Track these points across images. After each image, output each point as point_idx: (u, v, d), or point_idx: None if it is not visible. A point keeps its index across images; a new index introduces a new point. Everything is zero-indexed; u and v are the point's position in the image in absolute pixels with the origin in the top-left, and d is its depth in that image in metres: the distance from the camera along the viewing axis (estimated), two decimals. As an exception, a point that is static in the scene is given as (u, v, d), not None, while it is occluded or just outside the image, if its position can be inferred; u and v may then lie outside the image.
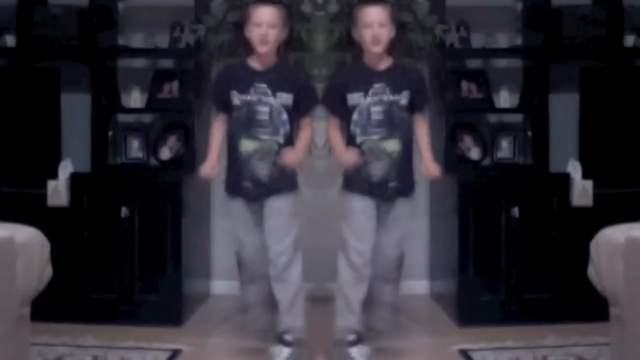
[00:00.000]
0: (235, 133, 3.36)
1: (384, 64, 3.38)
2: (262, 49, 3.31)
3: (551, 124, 4.59)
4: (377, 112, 3.29)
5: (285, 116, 3.32)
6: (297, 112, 3.39)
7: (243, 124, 3.33)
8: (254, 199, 3.38)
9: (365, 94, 3.30)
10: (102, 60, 4.60)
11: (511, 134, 4.77)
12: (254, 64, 3.38)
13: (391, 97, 3.31)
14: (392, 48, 3.44)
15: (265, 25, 3.29)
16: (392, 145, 3.32)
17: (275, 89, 3.31)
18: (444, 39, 4.54)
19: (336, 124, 3.44)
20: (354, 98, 3.32)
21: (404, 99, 3.33)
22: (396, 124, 3.32)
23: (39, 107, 4.60)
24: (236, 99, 3.33)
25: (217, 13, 4.42)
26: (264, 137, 3.31)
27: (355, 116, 3.32)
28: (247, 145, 3.31)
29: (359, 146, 3.34)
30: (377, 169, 3.33)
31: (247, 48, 3.43)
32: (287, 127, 3.35)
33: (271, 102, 3.30)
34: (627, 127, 4.61)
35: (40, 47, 4.50)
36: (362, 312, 3.48)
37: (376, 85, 3.31)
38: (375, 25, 3.29)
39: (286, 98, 3.32)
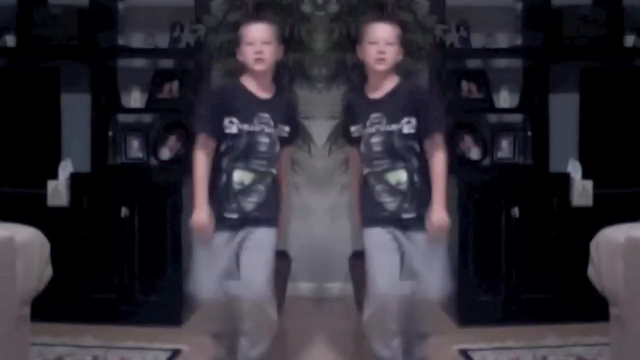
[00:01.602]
0: (228, 163, 3.11)
1: (388, 86, 3.15)
2: (258, 67, 3.12)
3: (551, 124, 4.59)
4: (376, 143, 3.09)
5: (278, 147, 3.16)
6: (286, 142, 3.24)
7: (241, 154, 3.10)
8: (234, 229, 3.12)
9: (364, 126, 3.12)
10: (102, 60, 4.60)
11: (511, 134, 4.77)
12: (253, 88, 3.17)
13: (388, 127, 3.08)
14: (398, 71, 3.23)
15: (259, 43, 3.11)
16: (397, 177, 3.09)
17: (276, 120, 3.14)
18: (444, 39, 4.54)
19: (355, 155, 3.25)
20: (356, 130, 3.16)
21: (405, 126, 3.08)
22: (399, 154, 3.09)
23: (39, 107, 4.60)
24: (235, 127, 3.10)
25: (217, 13, 4.42)
26: (261, 169, 3.12)
27: (361, 147, 3.15)
28: (242, 177, 3.10)
29: (366, 177, 3.15)
30: (388, 201, 3.10)
31: (242, 71, 3.24)
32: (277, 158, 3.19)
33: (272, 133, 3.13)
34: (627, 127, 4.61)
35: (40, 47, 4.51)
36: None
37: (373, 116, 3.11)
38: (381, 42, 3.10)
39: (283, 130, 3.17)
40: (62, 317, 4.02)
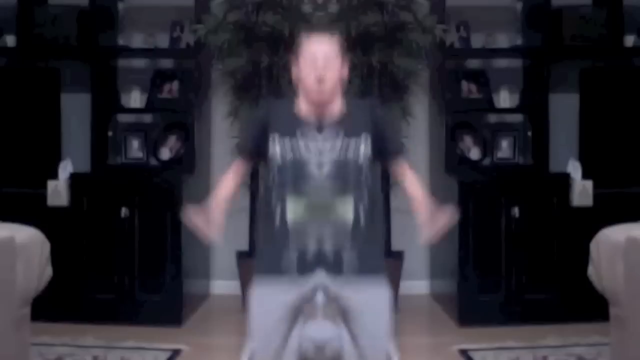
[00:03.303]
0: (276, 193, 2.44)
1: (333, 110, 2.47)
2: (316, 98, 2.43)
3: (551, 124, 4.59)
4: (326, 175, 2.43)
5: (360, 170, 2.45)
6: (383, 158, 2.53)
7: (289, 180, 2.43)
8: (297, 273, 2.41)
9: (297, 151, 2.45)
10: (102, 60, 4.60)
11: (511, 134, 4.77)
12: (307, 110, 2.48)
13: (341, 157, 2.44)
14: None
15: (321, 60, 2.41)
16: (343, 209, 2.42)
17: (349, 136, 2.45)
18: (444, 39, 4.54)
19: (239, 168, 2.56)
20: (279, 151, 2.44)
21: (361, 155, 2.45)
22: (347, 184, 2.44)
23: (39, 107, 4.60)
24: (277, 146, 2.44)
25: (217, 13, 4.42)
26: (322, 195, 2.42)
27: (281, 175, 2.43)
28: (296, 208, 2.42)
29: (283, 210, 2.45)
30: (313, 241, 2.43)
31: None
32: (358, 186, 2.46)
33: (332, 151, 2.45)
34: (627, 127, 4.60)
35: (40, 47, 4.50)
36: None
37: (314, 144, 2.45)
38: (320, 60, 2.41)
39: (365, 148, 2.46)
40: (62, 317, 4.03)
